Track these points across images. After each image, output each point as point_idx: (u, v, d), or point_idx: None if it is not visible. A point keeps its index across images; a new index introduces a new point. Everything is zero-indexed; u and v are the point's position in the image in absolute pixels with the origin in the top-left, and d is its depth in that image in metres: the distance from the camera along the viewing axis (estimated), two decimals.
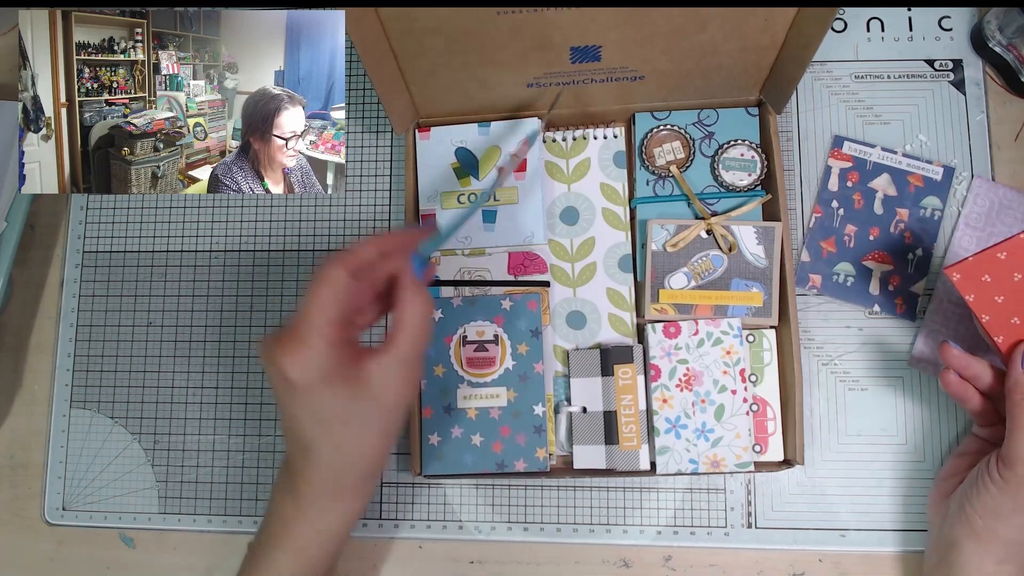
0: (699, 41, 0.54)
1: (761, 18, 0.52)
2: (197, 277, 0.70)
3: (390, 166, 0.70)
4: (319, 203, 0.70)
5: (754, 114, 0.64)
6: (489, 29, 0.52)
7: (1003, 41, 0.65)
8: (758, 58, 0.57)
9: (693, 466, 0.59)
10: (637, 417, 0.59)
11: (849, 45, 0.69)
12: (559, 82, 0.59)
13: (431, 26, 0.52)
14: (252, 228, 0.70)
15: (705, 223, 0.61)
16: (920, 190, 0.65)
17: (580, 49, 0.55)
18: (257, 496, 0.66)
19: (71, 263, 0.71)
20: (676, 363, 0.60)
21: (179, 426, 0.67)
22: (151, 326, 0.69)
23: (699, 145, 0.64)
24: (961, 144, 0.66)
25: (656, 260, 0.62)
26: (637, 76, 0.59)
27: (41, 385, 0.69)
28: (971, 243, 0.64)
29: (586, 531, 0.63)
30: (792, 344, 0.59)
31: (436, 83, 0.59)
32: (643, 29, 0.53)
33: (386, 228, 0.67)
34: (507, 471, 0.60)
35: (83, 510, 0.67)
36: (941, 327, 0.63)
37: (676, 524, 0.63)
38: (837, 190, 0.66)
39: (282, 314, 0.68)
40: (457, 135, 0.64)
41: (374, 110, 0.71)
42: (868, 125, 0.67)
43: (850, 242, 0.65)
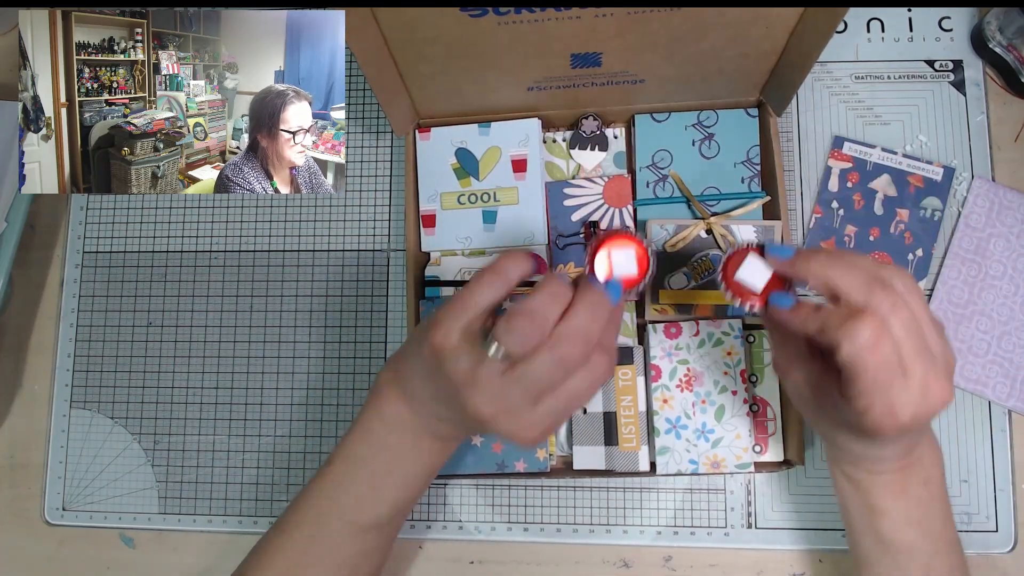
0: (700, 48, 0.54)
1: (762, 26, 0.52)
2: (197, 277, 0.70)
3: (390, 166, 0.70)
4: (319, 203, 0.70)
5: (754, 115, 0.64)
6: (489, 38, 0.52)
7: (1003, 41, 0.65)
8: (759, 63, 0.57)
9: (693, 466, 0.59)
10: (637, 418, 0.59)
11: (849, 45, 0.69)
12: (559, 86, 0.59)
13: (431, 35, 0.51)
14: (252, 228, 0.70)
15: (705, 223, 0.61)
16: (920, 191, 0.65)
17: (581, 56, 0.55)
18: (257, 496, 0.66)
19: (71, 263, 0.71)
20: (677, 363, 0.60)
21: (179, 426, 0.67)
22: (151, 326, 0.69)
23: (699, 146, 0.64)
24: (961, 145, 0.66)
25: (655, 260, 0.62)
26: (637, 80, 0.59)
27: (41, 385, 0.69)
28: (971, 243, 0.64)
29: (586, 531, 0.63)
30: None
31: (436, 87, 0.59)
32: (644, 38, 0.52)
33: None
34: (507, 471, 0.60)
35: (83, 510, 0.67)
36: None
37: (676, 524, 0.63)
38: (837, 190, 0.66)
39: (282, 314, 0.68)
40: (457, 135, 0.64)
41: (374, 110, 0.71)
42: (868, 125, 0.67)
43: (850, 242, 0.65)
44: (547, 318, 0.43)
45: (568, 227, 0.64)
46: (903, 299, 0.41)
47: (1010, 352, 0.63)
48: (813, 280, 0.43)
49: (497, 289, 0.45)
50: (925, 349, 0.41)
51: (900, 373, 0.40)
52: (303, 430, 0.67)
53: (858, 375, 0.41)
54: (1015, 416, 0.63)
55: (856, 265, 0.42)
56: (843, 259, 0.43)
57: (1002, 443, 0.62)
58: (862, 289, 0.41)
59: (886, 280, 0.41)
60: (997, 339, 0.63)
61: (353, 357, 0.67)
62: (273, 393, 0.67)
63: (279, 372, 0.68)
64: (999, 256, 0.64)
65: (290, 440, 0.67)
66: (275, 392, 0.67)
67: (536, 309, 0.42)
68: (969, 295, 0.64)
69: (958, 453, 0.62)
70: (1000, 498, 0.62)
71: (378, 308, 0.68)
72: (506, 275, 0.45)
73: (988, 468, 0.62)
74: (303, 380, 0.67)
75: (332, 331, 0.68)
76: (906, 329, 0.41)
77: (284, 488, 0.66)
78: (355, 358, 0.67)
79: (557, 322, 0.43)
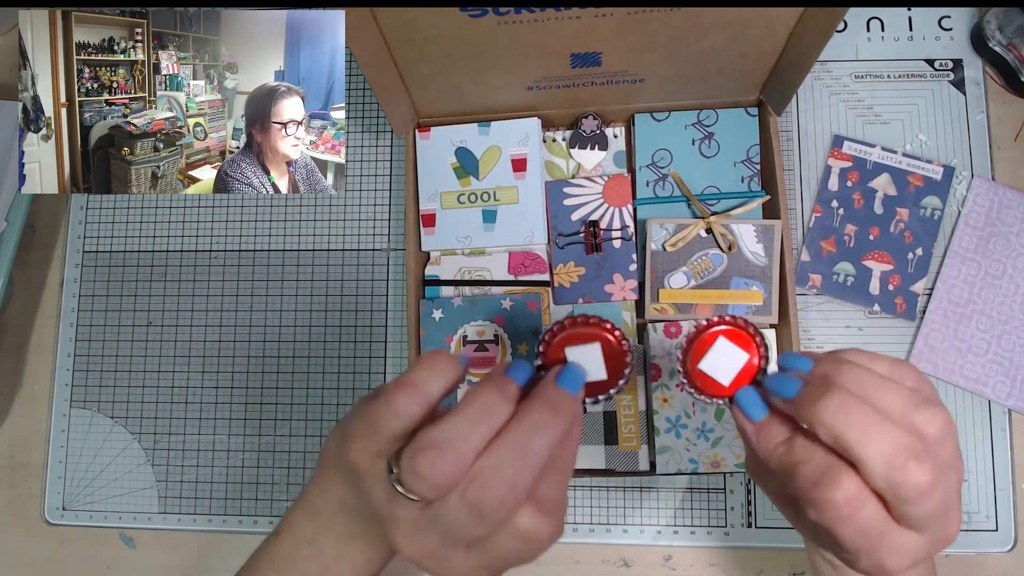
0: (700, 48, 0.54)
1: (762, 26, 0.52)
2: (197, 277, 0.70)
3: (390, 166, 0.70)
4: (319, 203, 0.70)
5: (754, 115, 0.63)
6: (489, 38, 0.52)
7: (1003, 41, 0.65)
8: (759, 63, 0.57)
9: (693, 466, 0.59)
10: (637, 417, 0.59)
11: (849, 45, 0.69)
12: (559, 85, 0.59)
13: (431, 35, 0.51)
14: (252, 228, 0.70)
15: (704, 222, 0.61)
16: (920, 190, 0.65)
17: (580, 55, 0.55)
18: (257, 496, 0.66)
19: (71, 263, 0.71)
20: (677, 363, 0.60)
21: (179, 426, 0.67)
22: (151, 326, 0.69)
23: (699, 145, 0.64)
24: (961, 144, 0.66)
25: (655, 260, 0.62)
26: (637, 79, 0.59)
27: (41, 385, 0.69)
28: (971, 242, 0.64)
29: (586, 531, 0.63)
30: (792, 343, 0.59)
31: (436, 87, 0.59)
32: (644, 37, 0.52)
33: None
34: None
35: (83, 510, 0.67)
36: (941, 327, 0.63)
37: (676, 524, 0.63)
38: (837, 190, 0.66)
39: (282, 314, 0.68)
40: (457, 135, 0.64)
41: (374, 110, 0.71)
42: (868, 125, 0.67)
43: (850, 242, 0.65)
44: (465, 449, 0.33)
45: (568, 226, 0.64)
46: (941, 475, 0.32)
47: (1010, 351, 0.63)
48: (823, 433, 0.33)
49: (412, 409, 0.35)
50: (941, 505, 0.33)
51: (895, 529, 0.33)
52: (303, 430, 0.67)
53: (837, 537, 0.33)
54: (1015, 416, 0.63)
55: (885, 427, 0.32)
56: (865, 412, 0.32)
57: (1002, 443, 0.62)
58: (888, 464, 0.31)
59: (920, 452, 0.32)
60: (997, 338, 0.63)
61: (353, 357, 0.67)
62: (273, 393, 0.67)
63: (279, 372, 0.68)
64: (999, 255, 0.64)
65: (290, 440, 0.67)
66: (275, 392, 0.67)
67: (448, 440, 0.33)
68: (969, 294, 0.64)
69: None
70: (1000, 498, 0.62)
71: (378, 308, 0.68)
72: (422, 391, 0.35)
73: (988, 468, 0.62)
74: (303, 380, 0.67)
75: (332, 331, 0.68)
76: (920, 495, 0.32)
77: (284, 488, 0.66)
78: (355, 358, 0.67)
79: (482, 450, 0.33)
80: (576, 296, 0.63)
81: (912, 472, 0.31)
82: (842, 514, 0.32)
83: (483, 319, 0.62)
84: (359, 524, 0.39)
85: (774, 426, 0.36)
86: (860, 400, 0.33)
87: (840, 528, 0.33)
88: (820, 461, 0.33)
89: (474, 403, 0.34)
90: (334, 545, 0.40)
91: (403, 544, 0.35)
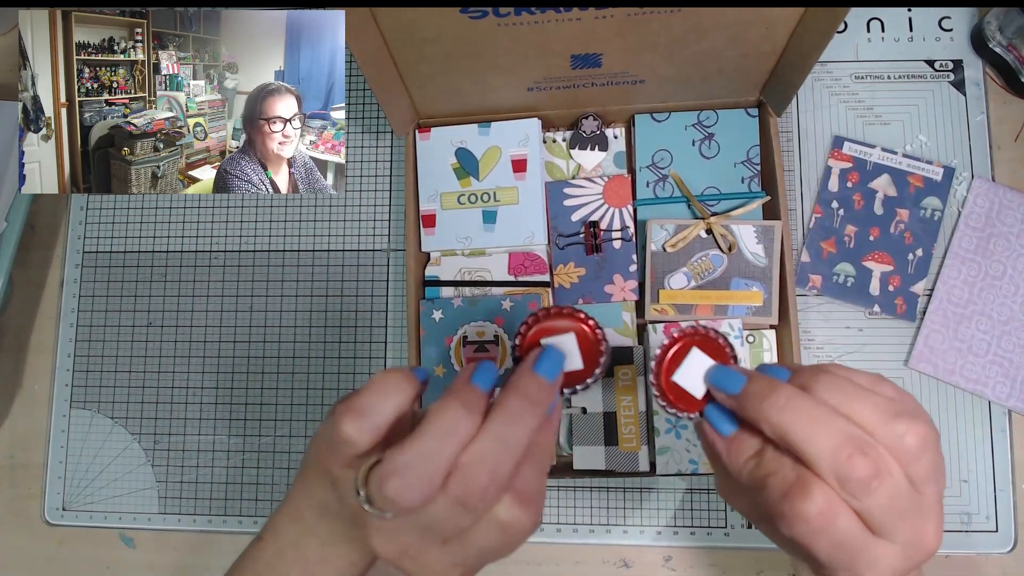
0: (700, 48, 0.54)
1: (762, 26, 0.52)
2: (197, 277, 0.70)
3: (390, 166, 0.70)
4: (319, 203, 0.70)
5: (754, 115, 0.63)
6: (489, 39, 0.52)
7: (1003, 41, 0.65)
8: (759, 64, 0.57)
9: (693, 466, 0.59)
10: (637, 418, 0.59)
11: (849, 45, 0.69)
12: (559, 86, 0.59)
13: (431, 35, 0.51)
14: (252, 228, 0.70)
15: (705, 222, 0.61)
16: (920, 190, 0.65)
17: (581, 56, 0.55)
18: (257, 496, 0.66)
19: (71, 263, 0.71)
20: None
21: (179, 426, 0.67)
22: (151, 326, 0.69)
23: (699, 146, 0.64)
24: (961, 144, 0.66)
25: (656, 260, 0.62)
26: (637, 80, 0.59)
27: (41, 385, 0.69)
28: (971, 243, 0.64)
29: (586, 531, 0.63)
30: (792, 344, 0.59)
31: (436, 87, 0.59)
32: (644, 38, 0.52)
33: None
34: None
35: (83, 510, 0.67)
36: (941, 328, 0.63)
37: (676, 524, 0.63)
38: (837, 190, 0.66)
39: (282, 314, 0.68)
40: (457, 135, 0.64)
41: (374, 110, 0.71)
42: (868, 125, 0.67)
43: (850, 242, 0.65)
44: (431, 470, 0.33)
45: (568, 227, 0.64)
46: (887, 467, 0.32)
47: (1010, 352, 0.63)
48: (768, 430, 0.33)
49: (361, 436, 0.35)
50: (913, 508, 0.32)
51: (871, 540, 0.33)
52: (303, 430, 0.67)
53: (811, 551, 0.33)
54: (1015, 416, 0.63)
55: (831, 420, 0.32)
56: (811, 407, 0.32)
57: (1002, 443, 0.62)
58: (834, 457, 0.31)
59: (867, 444, 0.32)
60: (997, 339, 0.63)
61: (353, 357, 0.67)
62: (273, 393, 0.67)
63: (279, 372, 0.68)
64: (999, 256, 0.64)
65: (290, 440, 0.67)
66: (275, 392, 0.67)
67: (412, 464, 0.33)
68: (969, 295, 0.64)
69: (958, 453, 0.62)
70: (1000, 498, 0.62)
71: (378, 308, 0.68)
72: (368, 417, 0.35)
73: (988, 468, 0.62)
74: (303, 380, 0.67)
75: (332, 331, 0.68)
76: (888, 498, 0.32)
77: (284, 489, 0.66)
78: (355, 358, 0.67)
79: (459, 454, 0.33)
80: (576, 297, 0.63)
81: (858, 465, 0.31)
82: (813, 527, 0.32)
83: (483, 320, 0.62)
84: (342, 528, 0.39)
85: (745, 440, 0.35)
86: (806, 396, 0.33)
87: (814, 542, 0.32)
88: (789, 473, 0.33)
89: (437, 422, 0.33)
90: (317, 549, 0.40)
91: (380, 544, 0.36)
